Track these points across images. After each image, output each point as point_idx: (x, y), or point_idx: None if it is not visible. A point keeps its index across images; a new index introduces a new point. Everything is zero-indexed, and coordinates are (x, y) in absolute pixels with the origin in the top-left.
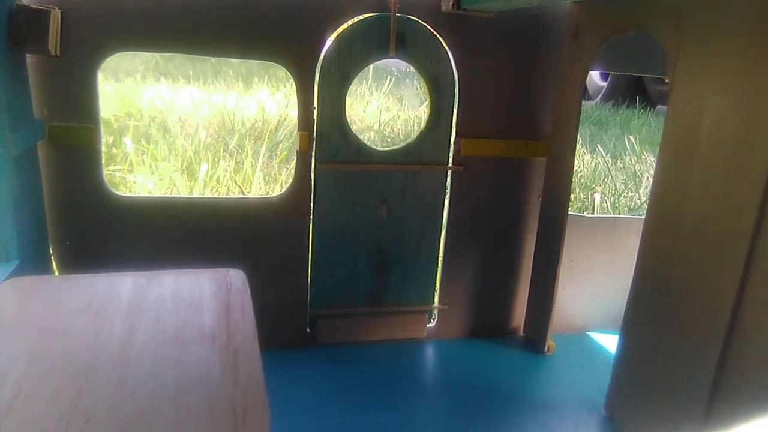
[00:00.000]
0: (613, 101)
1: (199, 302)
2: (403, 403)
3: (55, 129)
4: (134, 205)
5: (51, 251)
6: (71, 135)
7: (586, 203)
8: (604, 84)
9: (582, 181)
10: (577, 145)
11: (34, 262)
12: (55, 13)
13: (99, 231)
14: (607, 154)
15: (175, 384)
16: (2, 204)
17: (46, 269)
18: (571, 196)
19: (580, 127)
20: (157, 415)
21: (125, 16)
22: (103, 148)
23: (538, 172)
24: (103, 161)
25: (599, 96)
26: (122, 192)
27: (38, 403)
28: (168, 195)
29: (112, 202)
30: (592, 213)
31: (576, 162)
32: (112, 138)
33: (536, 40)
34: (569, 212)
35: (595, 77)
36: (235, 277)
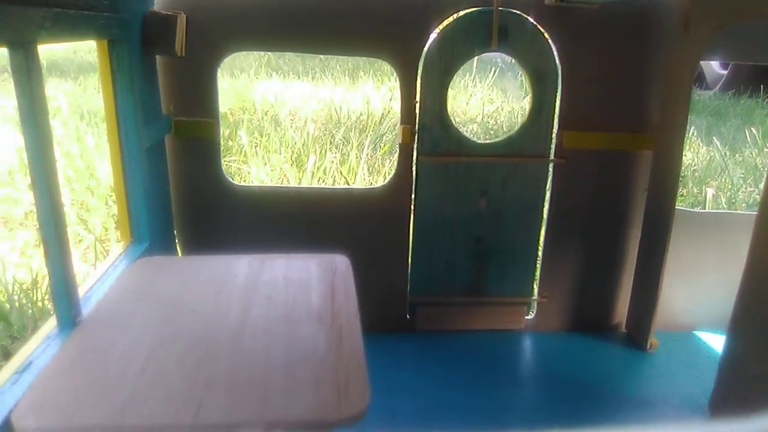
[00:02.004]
0: (733, 90)
1: (307, 284)
2: (499, 391)
3: (180, 123)
4: (248, 194)
5: (175, 234)
6: (194, 129)
7: (699, 198)
8: (724, 72)
9: (696, 174)
10: (692, 136)
11: (161, 244)
12: (181, 18)
13: (217, 216)
14: (724, 147)
15: (285, 357)
16: (136, 191)
17: (171, 250)
18: (684, 191)
19: (696, 117)
20: (270, 384)
21: (242, 20)
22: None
23: (643, 166)
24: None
25: (718, 85)
26: (238, 182)
27: (167, 366)
28: (279, 185)
29: (229, 190)
30: (704, 208)
31: (689, 155)
32: (228, 131)
33: (643, 31)
34: (677, 207)
35: (713, 65)
36: (340, 262)
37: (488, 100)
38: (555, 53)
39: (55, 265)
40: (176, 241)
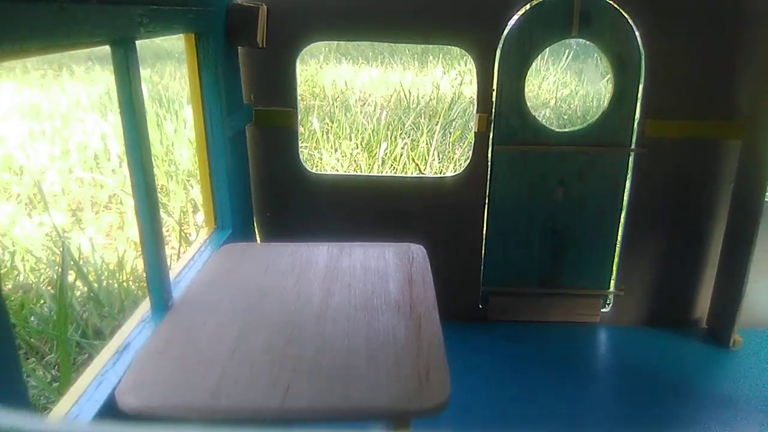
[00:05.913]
0: None
1: (384, 272)
2: (574, 383)
3: (260, 113)
4: (325, 182)
5: (255, 221)
6: (273, 118)
7: None
8: None
9: None
10: None
11: (242, 230)
12: (263, 10)
13: (294, 204)
14: None
15: (366, 344)
16: (220, 180)
17: (251, 237)
18: None
19: None
20: (352, 369)
21: (321, 10)
22: None
23: (730, 156)
24: None
25: None
26: (310, 168)
27: (254, 349)
28: (354, 173)
29: (306, 178)
30: None
31: None
32: (299, 116)
33: (734, 13)
34: (766, 200)
35: None
36: (416, 252)
37: (561, 83)
38: (639, 39)
39: (150, 253)
40: (255, 227)
